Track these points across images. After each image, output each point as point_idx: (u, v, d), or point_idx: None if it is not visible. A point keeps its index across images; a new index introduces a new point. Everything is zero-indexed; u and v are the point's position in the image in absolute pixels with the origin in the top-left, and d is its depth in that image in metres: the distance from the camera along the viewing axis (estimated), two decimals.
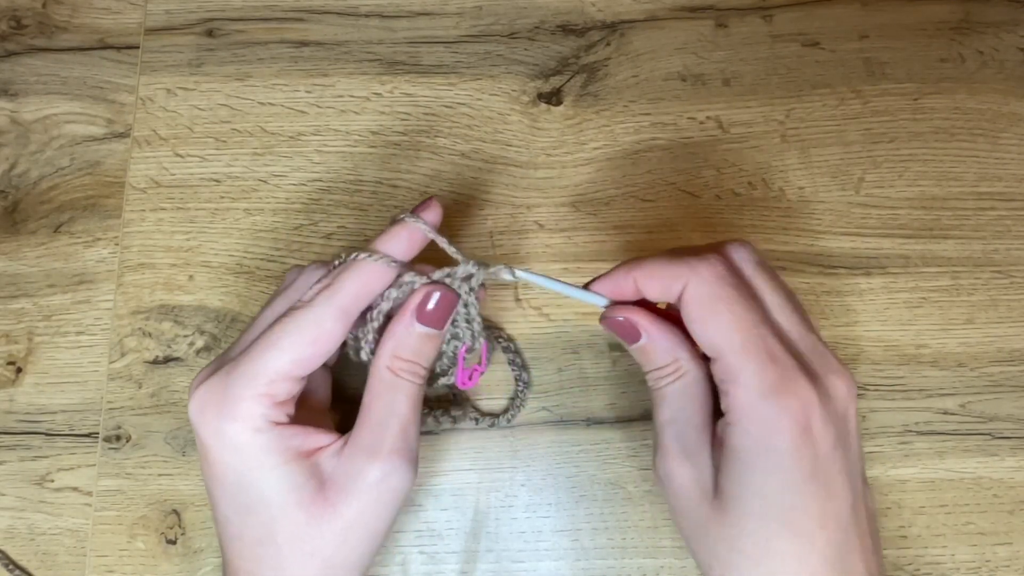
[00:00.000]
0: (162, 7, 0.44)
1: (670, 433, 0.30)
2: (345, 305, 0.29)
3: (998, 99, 0.42)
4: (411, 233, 0.31)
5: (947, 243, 0.41)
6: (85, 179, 0.42)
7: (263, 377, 0.28)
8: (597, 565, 0.37)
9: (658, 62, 0.43)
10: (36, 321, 0.40)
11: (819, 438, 0.27)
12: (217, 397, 0.29)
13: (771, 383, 0.27)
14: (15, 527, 0.38)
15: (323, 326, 0.29)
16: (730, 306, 0.28)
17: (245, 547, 0.29)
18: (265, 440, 0.28)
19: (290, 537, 0.28)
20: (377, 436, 0.29)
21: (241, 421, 0.28)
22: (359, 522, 0.29)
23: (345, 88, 0.43)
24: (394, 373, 0.30)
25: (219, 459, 0.29)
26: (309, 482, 0.29)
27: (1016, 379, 0.39)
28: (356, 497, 0.29)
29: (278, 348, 0.29)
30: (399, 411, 0.30)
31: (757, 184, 0.41)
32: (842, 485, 0.28)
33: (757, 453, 0.27)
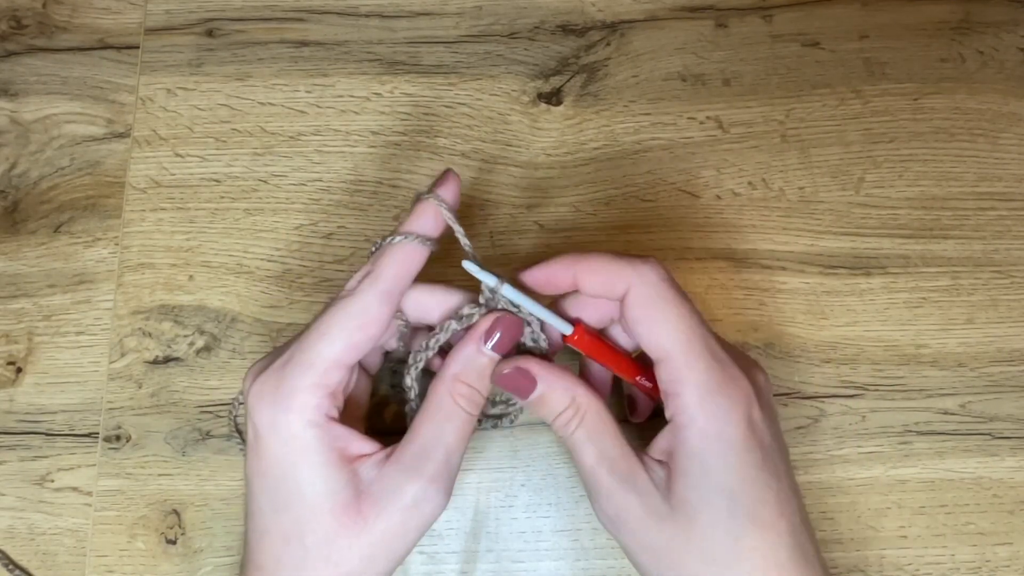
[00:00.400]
0: (162, 7, 0.44)
1: (603, 472, 0.30)
2: (387, 288, 0.30)
3: (998, 99, 0.42)
4: (431, 211, 0.31)
5: (947, 243, 0.41)
6: (85, 179, 0.42)
7: (318, 366, 0.29)
8: (597, 565, 0.37)
9: (658, 62, 0.43)
10: (36, 321, 0.40)
11: (761, 428, 0.29)
12: (273, 387, 0.29)
13: (718, 380, 0.28)
14: (15, 527, 0.38)
15: (370, 311, 0.29)
16: (676, 307, 0.29)
17: (271, 543, 0.29)
18: (316, 435, 0.28)
19: (317, 541, 0.28)
20: (421, 459, 0.29)
21: (296, 412, 0.28)
22: (385, 540, 0.29)
23: (345, 88, 0.43)
24: (453, 399, 0.30)
25: (268, 450, 0.29)
26: (346, 489, 0.29)
27: (1016, 379, 0.39)
28: (388, 515, 0.29)
29: (329, 336, 0.29)
30: (447, 440, 0.30)
31: (757, 184, 0.41)
32: (785, 471, 0.29)
33: (714, 450, 0.28)
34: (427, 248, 0.30)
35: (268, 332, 0.40)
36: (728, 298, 0.40)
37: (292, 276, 0.40)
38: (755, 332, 0.39)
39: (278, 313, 0.40)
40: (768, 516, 0.28)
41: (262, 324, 0.40)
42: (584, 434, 0.30)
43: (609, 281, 0.30)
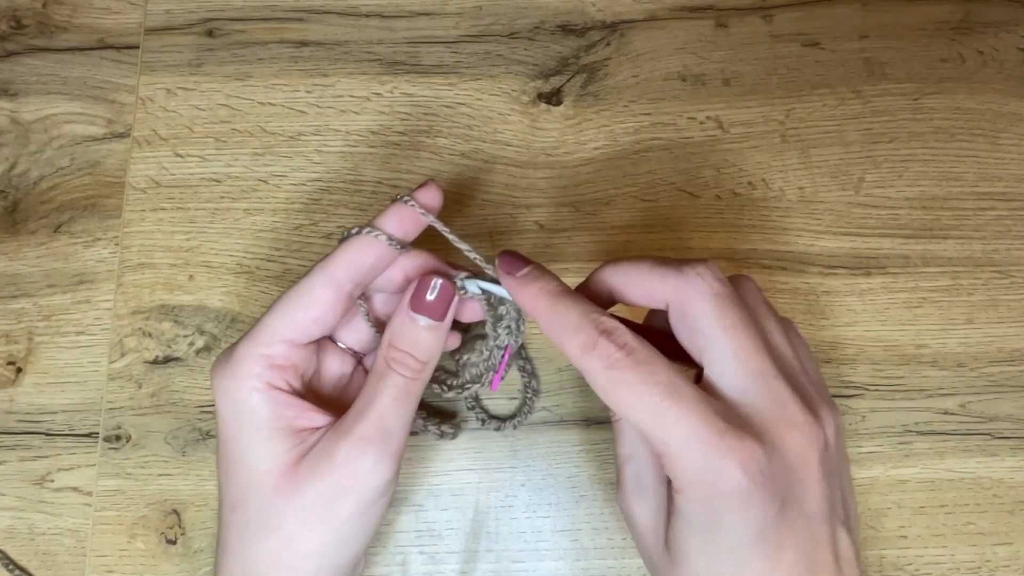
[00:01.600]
0: (162, 7, 0.44)
1: (628, 470, 0.30)
2: (332, 271, 0.30)
3: (998, 99, 0.42)
4: (405, 214, 0.31)
5: (947, 243, 0.41)
6: (85, 179, 0.42)
7: (261, 337, 0.30)
8: (597, 565, 0.37)
9: (658, 62, 0.43)
10: (36, 321, 0.40)
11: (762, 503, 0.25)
12: (225, 357, 0.30)
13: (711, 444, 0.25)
14: (15, 527, 0.38)
15: (312, 292, 0.30)
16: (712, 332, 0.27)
17: (224, 511, 0.30)
18: (259, 400, 0.29)
19: (257, 506, 0.29)
20: (354, 420, 0.29)
21: (241, 379, 0.29)
22: (319, 503, 0.29)
23: (345, 88, 0.43)
24: (386, 363, 0.30)
25: (220, 417, 0.30)
26: (288, 454, 0.29)
27: (1016, 379, 0.39)
28: (320, 476, 0.29)
29: (274, 312, 0.30)
30: (379, 400, 0.30)
31: (757, 184, 0.41)
32: (796, 540, 0.26)
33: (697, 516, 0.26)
34: (387, 245, 0.31)
35: None
36: None
37: (292, 276, 0.40)
38: None
39: None
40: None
41: None
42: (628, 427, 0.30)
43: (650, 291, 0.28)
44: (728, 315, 0.27)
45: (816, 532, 0.26)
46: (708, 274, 0.27)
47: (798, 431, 0.26)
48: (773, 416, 0.26)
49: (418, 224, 0.32)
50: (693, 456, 0.25)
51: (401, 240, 0.31)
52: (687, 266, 0.28)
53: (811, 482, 0.26)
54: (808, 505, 0.26)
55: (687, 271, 0.27)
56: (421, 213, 0.31)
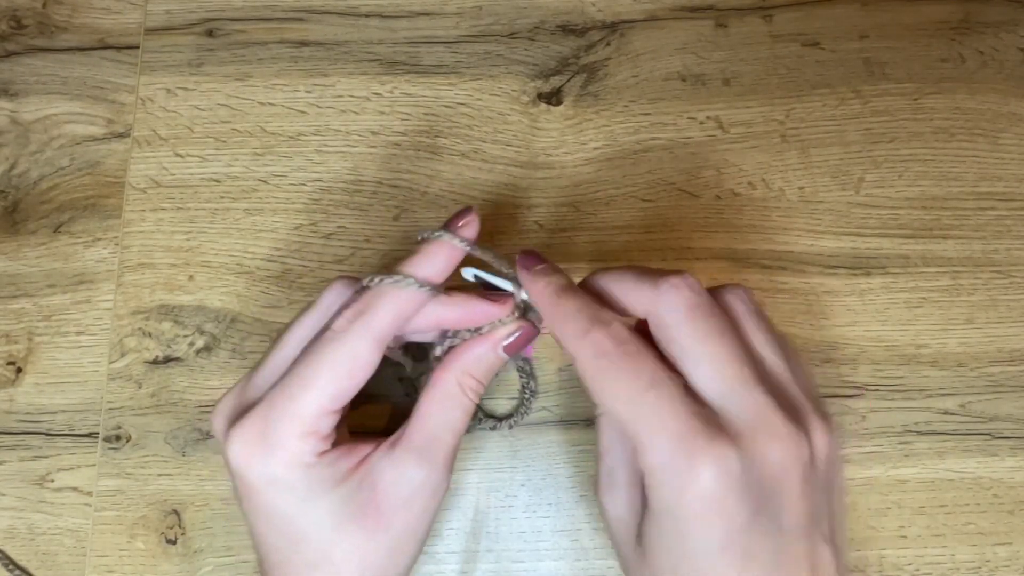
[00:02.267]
0: (162, 7, 0.44)
1: (606, 462, 0.30)
2: (381, 335, 0.28)
3: (998, 99, 0.42)
4: (447, 253, 0.30)
5: (947, 243, 0.41)
6: (85, 179, 0.42)
7: (307, 417, 0.28)
8: (597, 565, 0.37)
9: (658, 62, 0.43)
10: (36, 321, 0.40)
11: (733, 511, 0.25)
12: (259, 439, 0.28)
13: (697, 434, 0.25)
14: (15, 527, 0.38)
15: (359, 359, 0.28)
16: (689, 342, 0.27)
17: (297, 571, 0.29)
18: (315, 473, 0.28)
19: (345, 555, 0.28)
20: (431, 445, 0.29)
21: (290, 463, 0.28)
22: (408, 530, 0.29)
23: (345, 88, 0.43)
24: (462, 389, 0.30)
25: (267, 500, 0.28)
26: (359, 494, 0.29)
27: (1016, 379, 0.39)
28: (406, 508, 0.29)
29: (317, 386, 0.28)
30: (457, 426, 0.30)
31: (757, 184, 0.41)
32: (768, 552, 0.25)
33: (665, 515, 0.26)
34: (427, 294, 0.29)
35: (268, 332, 0.40)
36: None
37: (292, 276, 0.40)
38: None
39: (278, 313, 0.40)
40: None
41: (262, 324, 0.40)
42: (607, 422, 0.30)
43: (630, 302, 0.29)
44: (702, 326, 0.27)
45: (791, 547, 0.26)
46: (683, 285, 0.27)
47: (779, 442, 0.26)
48: (752, 425, 0.26)
49: (456, 261, 0.30)
50: (664, 453, 0.25)
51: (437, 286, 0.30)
52: (662, 279, 0.28)
53: (790, 495, 0.26)
54: (784, 519, 0.26)
55: (662, 284, 0.28)
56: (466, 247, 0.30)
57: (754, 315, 0.29)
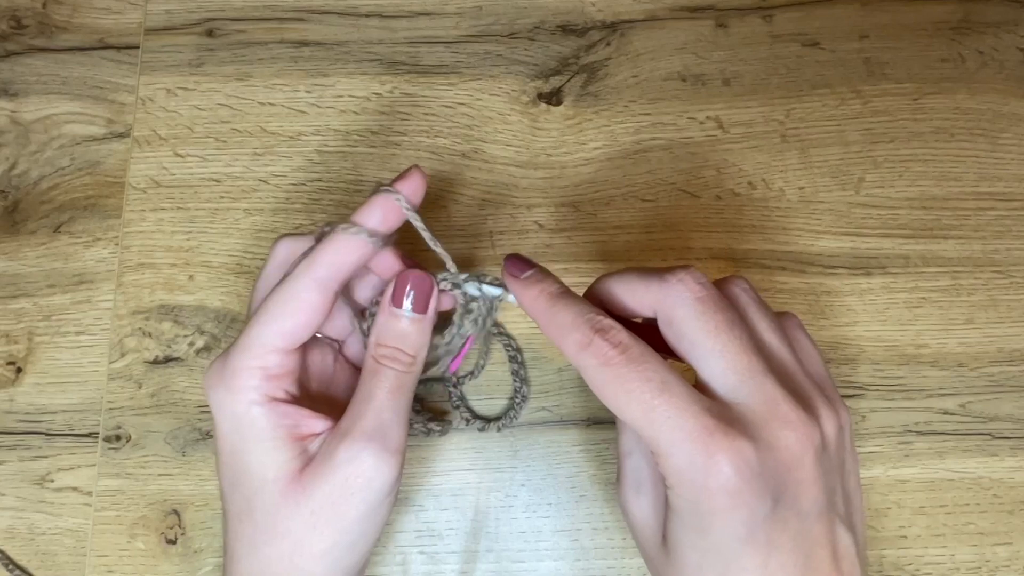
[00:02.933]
0: (162, 7, 0.44)
1: (628, 465, 0.30)
2: (320, 276, 0.30)
3: (998, 99, 0.42)
4: (388, 207, 0.31)
5: (947, 243, 0.41)
6: (85, 179, 0.42)
7: (254, 349, 0.29)
8: (597, 565, 0.37)
9: (658, 62, 0.43)
10: (36, 321, 0.40)
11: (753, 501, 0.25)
12: (219, 370, 0.30)
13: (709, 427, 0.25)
14: (15, 527, 0.38)
15: (301, 297, 0.30)
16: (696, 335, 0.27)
17: (230, 522, 0.30)
18: (259, 413, 0.29)
19: (265, 513, 0.29)
20: (352, 420, 0.30)
21: (238, 392, 0.29)
22: (327, 505, 0.29)
23: (345, 88, 0.43)
24: (376, 360, 0.30)
25: (220, 430, 0.30)
26: (293, 462, 0.29)
27: (1016, 379, 0.39)
28: (325, 479, 0.29)
29: (263, 322, 0.30)
30: (375, 396, 0.30)
31: (757, 184, 0.41)
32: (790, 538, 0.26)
33: (688, 510, 0.26)
34: (372, 242, 0.30)
35: None
36: None
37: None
38: None
39: None
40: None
41: None
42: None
43: (637, 302, 0.29)
44: (711, 318, 0.27)
45: (812, 531, 0.26)
46: (689, 279, 0.28)
47: (791, 429, 0.26)
48: (764, 414, 0.26)
49: (401, 217, 0.31)
50: (682, 454, 0.25)
51: (382, 235, 0.31)
52: (669, 274, 0.28)
53: (806, 480, 0.26)
54: (803, 504, 0.26)
55: (669, 279, 0.28)
56: (406, 208, 0.31)
57: (758, 305, 0.30)
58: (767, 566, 0.26)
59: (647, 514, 0.29)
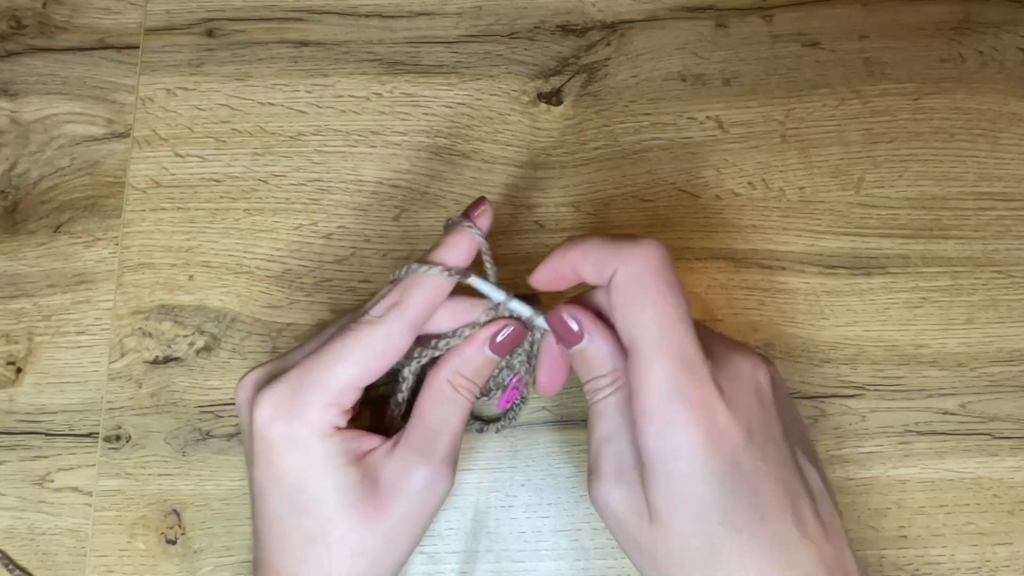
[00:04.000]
0: (162, 7, 0.44)
1: (607, 453, 0.30)
2: (414, 320, 0.30)
3: (998, 99, 0.42)
4: (468, 242, 0.31)
5: (947, 243, 0.41)
6: (85, 179, 0.42)
7: (335, 387, 0.29)
8: (597, 565, 0.37)
9: (658, 62, 0.43)
10: (36, 321, 0.40)
11: (730, 432, 0.27)
12: (288, 400, 0.29)
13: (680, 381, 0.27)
14: (15, 527, 0.38)
15: (393, 342, 0.30)
16: (654, 296, 0.28)
17: (292, 545, 0.30)
18: (331, 444, 0.30)
19: (341, 536, 0.29)
20: (430, 442, 0.31)
21: (311, 427, 0.29)
22: (405, 522, 0.30)
23: (345, 88, 0.43)
24: (454, 387, 0.32)
25: (282, 460, 0.29)
26: (362, 483, 0.30)
27: (1016, 379, 0.39)
28: (405, 499, 0.30)
29: (349, 360, 0.30)
30: (453, 423, 0.31)
31: (757, 184, 0.41)
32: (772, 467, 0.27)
33: (672, 455, 0.27)
34: (454, 281, 0.31)
35: (268, 332, 0.40)
36: (728, 298, 0.40)
37: (292, 276, 0.40)
38: (755, 332, 0.39)
39: (278, 313, 0.40)
40: (744, 521, 0.27)
41: (262, 324, 0.40)
42: (610, 405, 0.30)
43: (598, 265, 0.29)
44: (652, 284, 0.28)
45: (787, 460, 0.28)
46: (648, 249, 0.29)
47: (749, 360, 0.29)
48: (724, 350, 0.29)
49: (476, 248, 0.32)
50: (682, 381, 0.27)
51: (465, 271, 0.31)
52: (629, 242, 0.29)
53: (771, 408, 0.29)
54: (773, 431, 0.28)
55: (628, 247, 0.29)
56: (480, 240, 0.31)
57: None
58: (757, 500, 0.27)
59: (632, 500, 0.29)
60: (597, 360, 0.30)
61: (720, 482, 0.27)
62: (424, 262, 0.31)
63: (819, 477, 0.29)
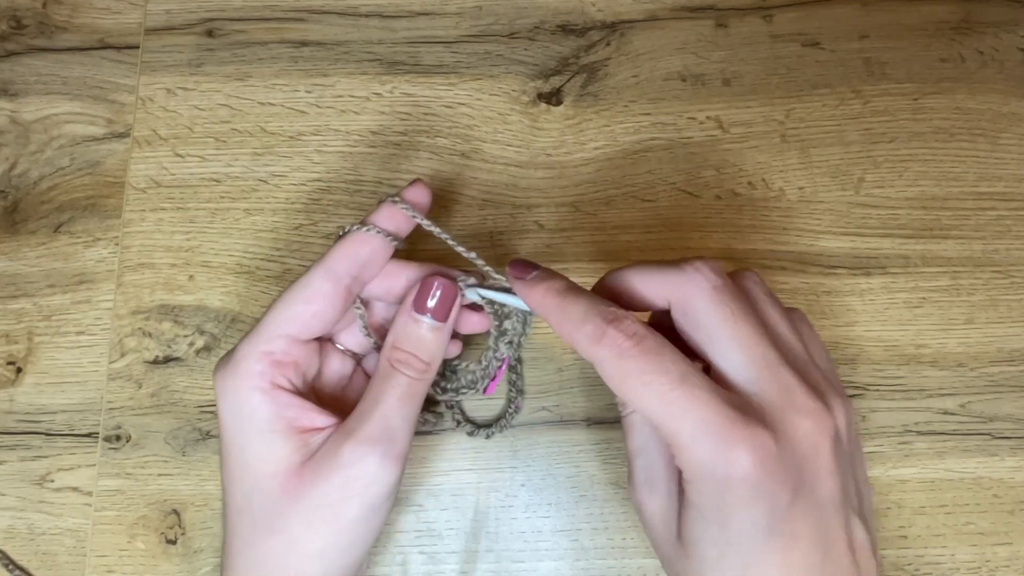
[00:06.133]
0: (162, 7, 0.44)
1: (638, 464, 0.30)
2: (332, 267, 0.31)
3: (998, 99, 0.42)
4: (395, 213, 0.32)
5: (947, 243, 0.41)
6: (85, 179, 0.42)
7: (262, 333, 0.30)
8: (597, 565, 0.37)
9: (658, 62, 0.43)
10: (36, 321, 0.40)
11: (774, 491, 0.25)
12: (227, 358, 0.30)
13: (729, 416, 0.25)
14: (15, 527, 0.38)
15: (311, 286, 0.30)
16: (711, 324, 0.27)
17: (229, 515, 0.30)
18: (260, 400, 0.29)
19: (262, 508, 0.29)
20: (358, 421, 0.30)
21: (242, 378, 0.30)
22: (324, 505, 0.29)
23: (345, 88, 0.43)
24: (390, 364, 0.31)
25: (222, 420, 0.30)
26: (293, 456, 0.29)
27: (1016, 379, 0.39)
28: (325, 478, 0.29)
29: (274, 308, 0.31)
30: (385, 400, 0.30)
31: (757, 184, 0.41)
32: (810, 530, 0.26)
33: (708, 507, 0.26)
34: (381, 238, 0.31)
35: None
36: None
37: (292, 276, 0.40)
38: None
39: None
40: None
41: None
42: (638, 420, 0.30)
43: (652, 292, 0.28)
44: (728, 305, 0.27)
45: (830, 522, 0.26)
46: (706, 268, 0.28)
47: (808, 419, 0.26)
48: (781, 404, 0.26)
49: (409, 223, 0.32)
50: (703, 446, 0.25)
51: (395, 235, 0.32)
52: (686, 263, 0.28)
53: (823, 471, 0.26)
54: (821, 494, 0.26)
55: (686, 268, 0.28)
56: (411, 215, 0.32)
57: (769, 297, 0.30)
58: (789, 559, 0.25)
59: (661, 512, 0.29)
60: None
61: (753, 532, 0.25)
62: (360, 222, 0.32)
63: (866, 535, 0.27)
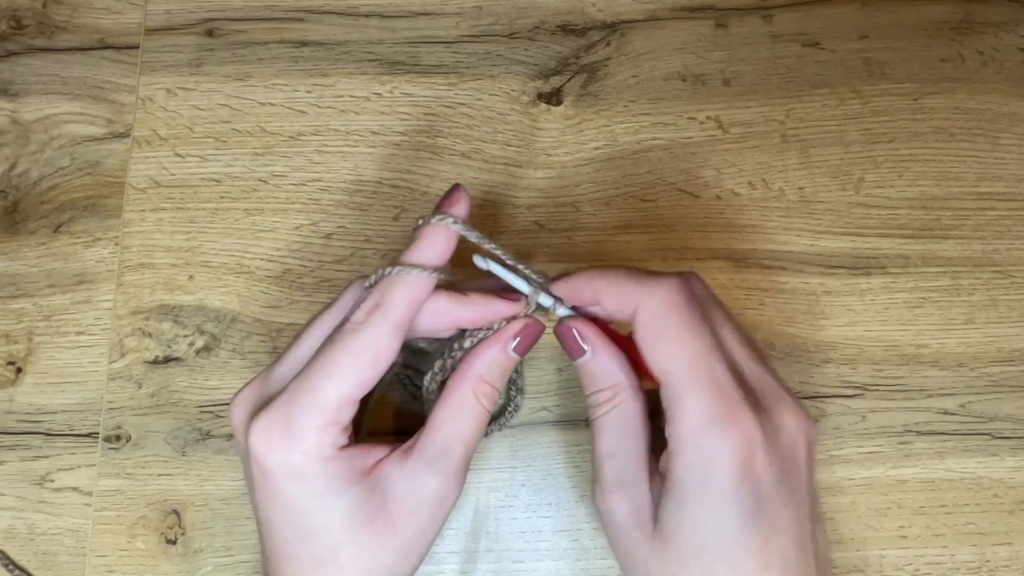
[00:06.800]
0: (162, 7, 0.44)
1: (609, 467, 0.30)
2: (398, 322, 0.29)
3: (998, 99, 0.42)
4: (445, 235, 0.30)
5: (947, 243, 0.41)
6: (85, 179, 0.42)
7: (329, 408, 0.28)
8: (597, 565, 0.37)
9: (658, 62, 0.43)
10: (36, 321, 0.40)
11: (762, 474, 0.27)
12: (282, 428, 0.28)
13: (715, 413, 0.27)
14: (15, 527, 0.38)
15: (380, 346, 0.28)
16: (682, 331, 0.28)
17: (303, 567, 0.29)
18: (333, 467, 0.28)
19: (352, 556, 0.29)
20: (444, 454, 0.30)
21: (310, 453, 0.28)
22: (417, 536, 0.30)
23: (345, 88, 0.43)
24: (476, 396, 0.30)
25: (284, 488, 0.28)
26: (371, 500, 0.29)
27: (1016, 379, 0.39)
28: (417, 515, 0.29)
29: (339, 375, 0.28)
30: (468, 435, 0.30)
31: (757, 184, 0.41)
32: (788, 523, 0.27)
33: (697, 487, 0.27)
34: (435, 278, 0.30)
35: (268, 332, 0.40)
36: (728, 298, 0.40)
37: (292, 276, 0.40)
38: (755, 332, 0.39)
39: (278, 313, 0.40)
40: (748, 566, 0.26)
41: (262, 324, 0.40)
42: (609, 422, 0.30)
43: (621, 299, 0.29)
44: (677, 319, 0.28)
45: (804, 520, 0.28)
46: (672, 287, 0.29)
47: (793, 416, 0.28)
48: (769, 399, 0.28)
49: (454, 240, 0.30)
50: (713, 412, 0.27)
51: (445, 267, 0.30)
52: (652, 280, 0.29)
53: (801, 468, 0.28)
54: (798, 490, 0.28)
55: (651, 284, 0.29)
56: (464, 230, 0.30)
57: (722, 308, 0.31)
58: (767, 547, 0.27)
59: (634, 511, 0.29)
60: (597, 374, 0.30)
61: (736, 525, 0.26)
62: (399, 264, 0.29)
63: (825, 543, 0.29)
